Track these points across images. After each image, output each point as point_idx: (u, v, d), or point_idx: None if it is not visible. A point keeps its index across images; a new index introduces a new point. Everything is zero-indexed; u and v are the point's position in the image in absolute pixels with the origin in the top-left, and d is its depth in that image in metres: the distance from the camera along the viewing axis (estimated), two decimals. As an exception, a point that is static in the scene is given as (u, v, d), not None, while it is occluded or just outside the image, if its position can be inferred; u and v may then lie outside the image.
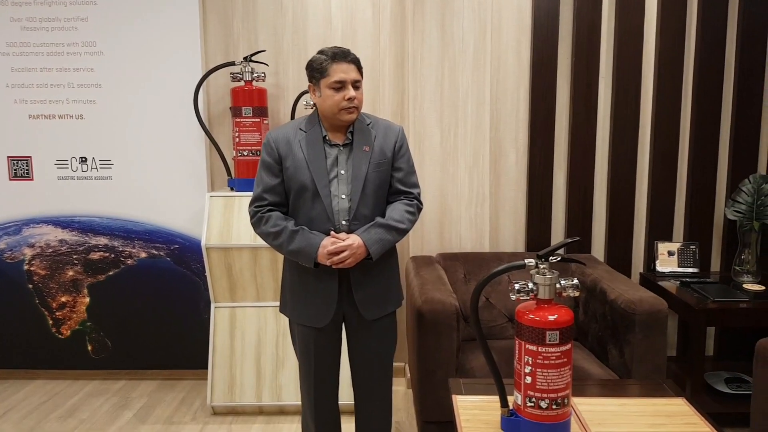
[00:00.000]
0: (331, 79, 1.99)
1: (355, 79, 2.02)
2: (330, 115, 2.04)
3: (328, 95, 2.01)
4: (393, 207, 2.12)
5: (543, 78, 3.20)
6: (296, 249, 2.01)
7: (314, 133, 2.07)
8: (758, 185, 3.03)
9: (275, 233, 2.04)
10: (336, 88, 2.00)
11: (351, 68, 2.02)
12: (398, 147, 2.14)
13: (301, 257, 2.02)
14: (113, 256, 3.38)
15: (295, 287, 2.15)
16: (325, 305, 2.09)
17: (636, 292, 2.51)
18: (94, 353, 3.47)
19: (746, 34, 3.12)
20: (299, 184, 2.04)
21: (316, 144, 2.06)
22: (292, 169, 2.05)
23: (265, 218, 2.06)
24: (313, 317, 2.11)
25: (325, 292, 2.08)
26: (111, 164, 3.31)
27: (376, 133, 2.11)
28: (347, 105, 2.01)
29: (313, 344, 2.15)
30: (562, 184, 3.29)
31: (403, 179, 2.15)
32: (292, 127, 2.11)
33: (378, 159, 2.08)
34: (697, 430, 1.60)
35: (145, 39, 3.22)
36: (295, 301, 2.15)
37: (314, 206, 2.04)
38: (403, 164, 2.15)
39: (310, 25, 3.22)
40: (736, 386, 2.92)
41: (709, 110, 3.18)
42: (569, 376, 1.51)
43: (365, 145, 2.08)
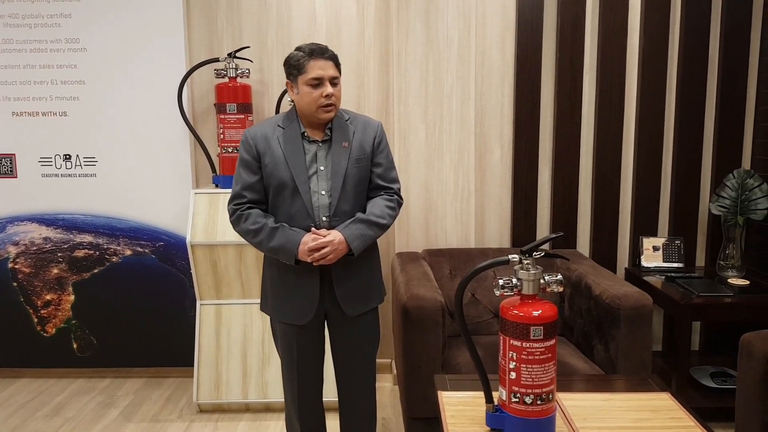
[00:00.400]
0: (309, 76, 1.98)
1: (332, 75, 2.01)
2: (308, 112, 2.03)
3: (305, 92, 2.00)
4: (373, 202, 2.11)
5: (527, 74, 3.20)
6: (276, 246, 2.00)
7: (292, 129, 2.06)
8: (742, 180, 3.05)
9: (255, 231, 2.03)
10: (313, 84, 1.99)
11: (328, 65, 2.01)
12: (377, 142, 2.13)
13: (282, 254, 2.01)
14: (98, 253, 3.35)
15: (276, 285, 2.13)
16: (307, 302, 2.08)
17: (621, 288, 2.52)
18: (79, 351, 3.44)
19: (729, 30, 3.14)
20: (278, 181, 2.03)
21: (295, 140, 2.05)
22: (271, 166, 2.03)
23: (245, 216, 2.05)
24: (294, 315, 2.10)
25: (307, 289, 2.07)
26: (95, 161, 3.28)
27: (355, 128, 2.11)
28: (325, 102, 2.00)
29: (296, 342, 2.13)
30: (547, 180, 3.29)
31: (383, 174, 2.15)
32: (270, 124, 2.09)
33: (357, 154, 2.08)
34: (681, 425, 1.61)
35: (128, 35, 3.19)
36: (276, 299, 2.14)
37: (294, 203, 2.03)
38: (383, 159, 2.15)
39: (295, 21, 3.21)
40: (721, 381, 2.95)
41: (693, 105, 3.20)
42: (554, 371, 1.51)
43: (344, 141, 2.07)
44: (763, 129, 3.16)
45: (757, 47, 3.16)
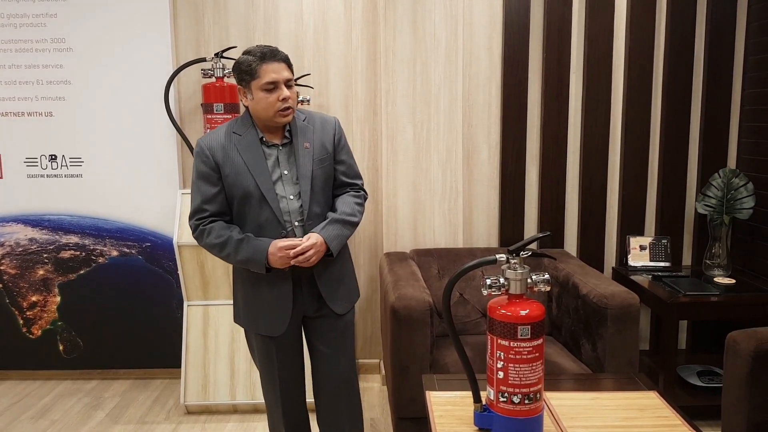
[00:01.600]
0: (263, 81, 1.91)
1: (286, 78, 1.94)
2: (265, 117, 1.96)
3: (260, 97, 1.93)
4: (343, 200, 2.08)
5: (515, 73, 3.21)
6: (245, 258, 1.94)
7: (250, 135, 1.99)
8: (728, 179, 3.07)
9: (220, 244, 1.96)
10: (268, 89, 1.91)
11: (282, 67, 1.94)
12: (338, 139, 2.10)
13: (251, 265, 1.95)
14: (84, 254, 3.33)
15: (248, 298, 2.07)
16: (281, 311, 2.03)
17: (608, 287, 2.53)
18: (65, 353, 3.41)
19: (714, 31, 3.16)
20: (242, 191, 1.96)
21: (254, 147, 1.98)
22: (233, 176, 1.96)
23: (207, 230, 1.97)
24: (269, 326, 2.05)
25: (280, 300, 2.02)
26: (81, 162, 3.26)
27: (314, 128, 2.06)
28: (282, 106, 1.93)
29: (275, 352, 2.09)
30: (535, 180, 3.30)
31: (347, 172, 2.12)
32: (224, 132, 2.01)
33: (320, 155, 2.03)
34: (668, 423, 1.62)
35: (114, 35, 3.17)
36: (249, 311, 2.08)
37: (262, 211, 1.97)
38: (345, 156, 2.12)
39: (282, 21, 3.20)
40: (708, 379, 2.97)
41: (679, 105, 3.22)
42: (541, 370, 1.51)
43: (305, 142, 2.02)
44: (749, 128, 3.18)
45: (741, 47, 3.19)
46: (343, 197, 2.10)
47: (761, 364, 1.91)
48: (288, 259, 1.92)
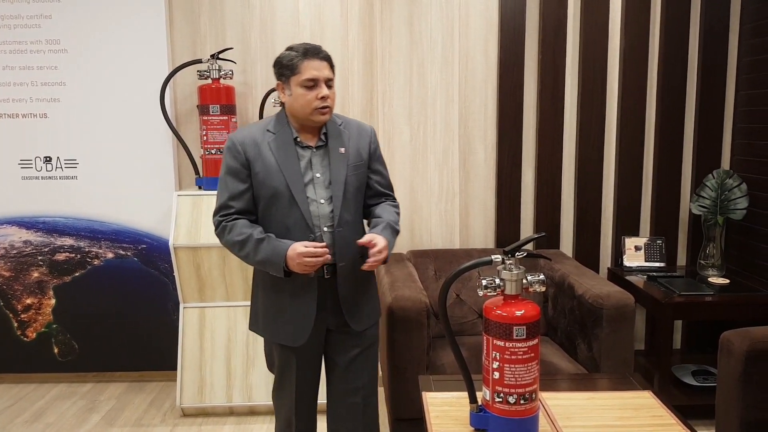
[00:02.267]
0: (303, 77, 1.86)
1: (327, 77, 1.90)
2: (302, 115, 1.90)
3: (299, 94, 1.88)
4: (384, 209, 2.03)
5: (510, 75, 3.22)
6: (263, 259, 1.86)
7: (284, 134, 1.93)
8: (722, 180, 3.09)
9: (240, 242, 1.88)
10: (308, 86, 1.86)
11: (323, 65, 1.89)
12: (373, 149, 2.04)
13: (269, 267, 1.87)
14: (79, 256, 3.32)
15: (269, 306, 1.99)
16: (303, 322, 1.94)
17: (603, 287, 2.54)
18: (60, 356, 3.40)
19: (708, 32, 3.18)
20: (272, 190, 1.89)
21: (287, 146, 1.91)
22: (263, 174, 1.89)
23: (229, 227, 1.90)
24: (289, 335, 1.96)
25: (302, 307, 1.93)
26: (76, 164, 3.25)
27: (350, 134, 2.00)
28: (320, 105, 1.87)
29: (295, 362, 2.00)
30: (531, 181, 3.31)
31: (382, 182, 2.07)
32: (258, 129, 1.95)
33: (355, 161, 1.97)
34: (663, 423, 1.63)
35: (110, 36, 3.16)
36: (268, 319, 2.00)
37: (290, 213, 1.89)
38: (381, 166, 2.07)
39: (278, 22, 3.20)
40: (702, 379, 2.98)
41: (674, 107, 3.24)
42: (537, 370, 1.52)
43: (340, 146, 1.95)
44: (742, 130, 3.20)
45: (735, 49, 3.21)
46: (383, 206, 2.04)
47: (755, 364, 1.93)
48: (310, 267, 1.83)
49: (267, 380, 2.97)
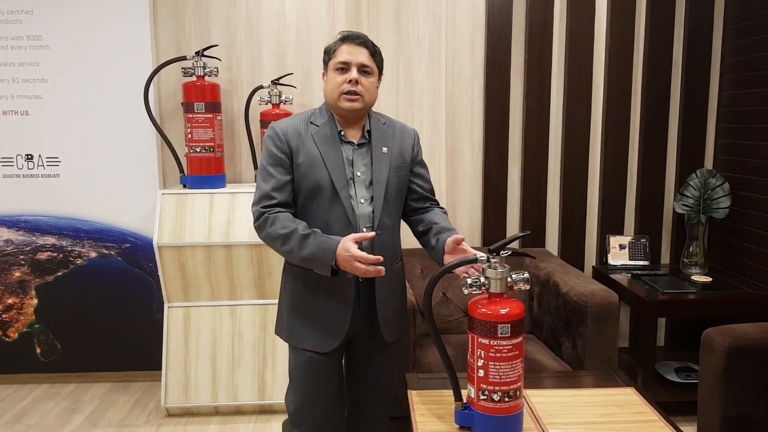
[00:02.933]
0: (336, 60, 1.80)
1: (362, 63, 1.80)
2: (331, 101, 1.83)
3: (331, 78, 1.82)
4: (437, 215, 1.95)
5: (497, 75, 3.23)
6: (309, 255, 1.73)
7: (328, 127, 1.84)
8: (705, 179, 3.12)
9: (284, 236, 1.75)
10: (339, 69, 1.80)
11: (360, 51, 1.80)
12: (416, 151, 1.97)
13: (316, 264, 1.74)
14: (62, 256, 3.28)
15: (299, 308, 1.87)
16: (337, 326, 1.84)
17: (588, 285, 2.56)
18: (43, 356, 3.36)
19: (692, 33, 3.21)
20: (313, 183, 1.79)
21: (331, 140, 1.82)
22: (306, 166, 1.80)
23: (271, 219, 1.78)
24: (320, 341, 1.85)
25: (338, 312, 1.83)
26: (58, 161, 3.21)
27: (393, 134, 1.91)
28: (348, 88, 1.78)
29: (324, 372, 1.87)
30: (517, 180, 3.33)
31: (426, 186, 2.00)
32: (301, 120, 1.86)
33: (397, 162, 1.88)
34: (645, 419, 1.64)
35: (92, 32, 3.13)
36: (296, 322, 1.88)
37: (332, 209, 1.79)
38: (424, 170, 2.00)
39: (264, 20, 3.18)
40: (685, 375, 3.01)
41: (658, 107, 3.26)
42: (521, 368, 1.52)
43: (383, 146, 1.86)
44: (725, 130, 3.24)
45: (718, 50, 3.24)
46: (437, 213, 1.96)
47: (735, 360, 1.95)
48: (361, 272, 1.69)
49: (253, 380, 2.96)
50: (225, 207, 2.94)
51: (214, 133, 2.99)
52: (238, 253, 2.89)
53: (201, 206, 2.94)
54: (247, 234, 2.88)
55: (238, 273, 2.93)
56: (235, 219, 2.92)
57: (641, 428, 1.59)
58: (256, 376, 2.96)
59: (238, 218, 2.92)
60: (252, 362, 2.96)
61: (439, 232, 1.87)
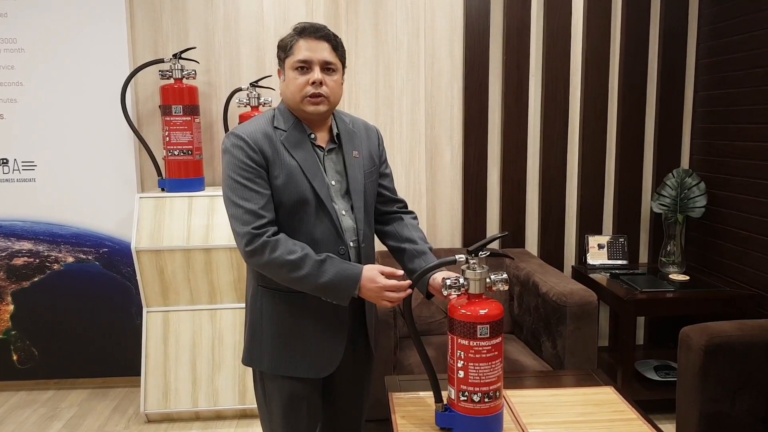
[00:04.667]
0: (295, 58, 1.61)
1: (324, 60, 1.62)
2: (293, 104, 1.65)
3: (290, 78, 1.62)
4: (411, 226, 1.83)
5: (476, 76, 3.24)
6: (327, 283, 1.56)
7: (297, 131, 1.65)
8: (681, 179, 3.16)
9: (293, 263, 1.55)
10: (299, 68, 1.61)
11: (322, 47, 1.62)
12: (382, 151, 1.83)
13: (333, 292, 1.58)
14: (38, 261, 3.23)
15: (285, 335, 1.68)
16: (333, 350, 1.69)
17: (567, 285, 2.57)
18: (20, 363, 3.31)
19: (668, 35, 3.25)
20: (296, 196, 1.60)
21: (304, 145, 1.64)
22: (284, 177, 1.60)
23: (272, 244, 1.55)
24: (315, 368, 1.68)
25: (333, 334, 1.69)
26: (34, 165, 3.17)
27: (359, 134, 1.76)
28: (311, 91, 1.60)
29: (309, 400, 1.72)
30: (496, 181, 3.34)
31: (391, 186, 1.86)
32: (265, 123, 1.64)
33: (369, 167, 1.74)
34: (624, 417, 1.65)
35: (68, 35, 3.09)
36: (285, 352, 1.68)
37: (318, 224, 1.62)
38: (389, 170, 1.87)
39: (242, 21, 3.17)
40: (664, 373, 3.04)
41: (634, 107, 3.30)
42: (500, 368, 1.53)
43: (353, 149, 1.71)
44: (701, 130, 3.28)
45: (693, 51, 3.28)
46: (407, 224, 1.83)
47: (712, 358, 1.97)
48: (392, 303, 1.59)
49: (233, 384, 2.94)
50: (204, 210, 2.92)
51: (192, 136, 2.96)
52: (217, 257, 2.87)
53: (179, 210, 2.91)
54: (226, 238, 2.86)
55: (217, 276, 2.91)
56: (215, 222, 2.90)
57: (620, 426, 1.60)
58: (237, 381, 2.94)
59: (217, 222, 2.90)
60: (233, 366, 2.94)
61: (415, 256, 1.76)
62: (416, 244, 1.79)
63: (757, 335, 2.00)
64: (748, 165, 2.93)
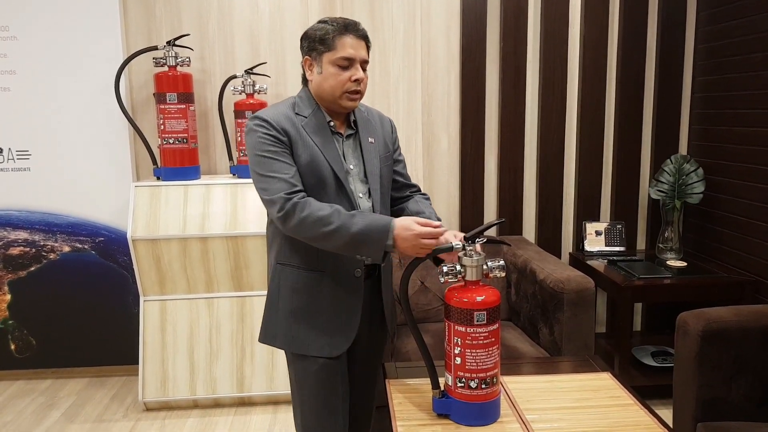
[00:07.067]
0: (339, 55, 1.64)
1: (364, 58, 1.68)
2: (329, 98, 1.69)
3: (331, 73, 1.66)
4: (418, 203, 1.86)
5: (473, 62, 3.22)
6: (361, 232, 1.55)
7: (316, 117, 1.70)
8: (679, 165, 3.15)
9: (326, 217, 1.56)
10: (343, 66, 1.65)
11: (361, 45, 1.67)
12: (395, 139, 1.88)
13: (365, 244, 1.57)
14: (34, 250, 3.22)
15: (300, 312, 1.71)
16: (347, 327, 1.72)
17: (564, 272, 2.57)
18: (17, 352, 3.31)
19: (666, 20, 3.23)
20: (317, 178, 1.65)
21: (323, 130, 1.70)
22: (306, 159, 1.65)
23: (301, 203, 1.58)
24: (329, 346, 1.71)
25: (347, 310, 1.72)
26: (29, 155, 3.15)
27: (374, 122, 1.83)
28: (353, 87, 1.66)
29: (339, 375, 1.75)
30: (494, 168, 3.33)
31: (404, 172, 1.91)
32: (287, 109, 1.70)
33: (384, 152, 1.80)
34: (621, 403, 1.65)
35: (62, 23, 3.06)
36: (301, 329, 1.71)
37: (339, 204, 1.64)
38: (402, 156, 1.92)
39: (236, 8, 3.14)
40: (662, 359, 3.05)
41: (632, 93, 3.28)
42: (497, 355, 1.53)
43: (370, 136, 1.77)
44: (699, 115, 3.27)
45: (692, 36, 3.26)
46: (417, 200, 1.88)
47: (709, 343, 1.97)
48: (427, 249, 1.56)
49: (231, 372, 2.94)
50: (200, 199, 2.91)
51: (187, 123, 2.94)
52: (214, 246, 2.86)
53: (175, 198, 2.90)
54: (222, 226, 2.85)
55: (214, 265, 2.90)
56: (211, 211, 2.88)
57: (617, 412, 1.60)
58: (235, 369, 2.94)
59: (213, 210, 2.89)
60: (230, 355, 2.94)
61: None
62: (423, 214, 1.80)
63: (754, 321, 2.00)
64: (746, 151, 2.92)
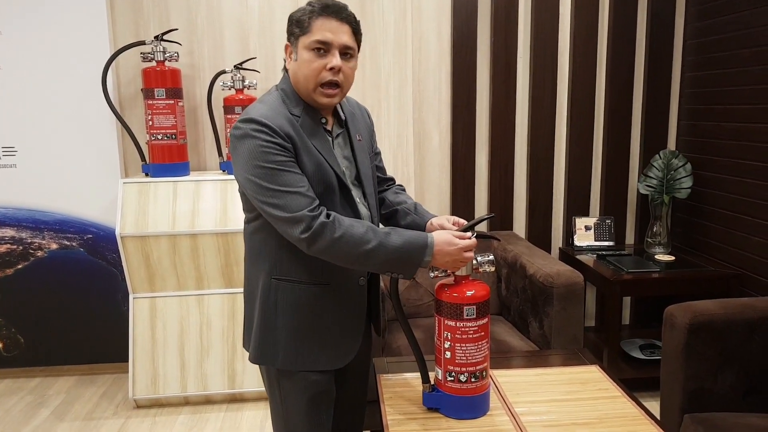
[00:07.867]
0: (312, 38, 1.43)
1: (345, 44, 1.46)
2: (303, 89, 1.49)
3: (304, 60, 1.45)
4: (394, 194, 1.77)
5: (463, 58, 3.22)
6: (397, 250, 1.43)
7: (309, 116, 1.51)
8: (668, 160, 3.17)
9: (363, 237, 1.41)
10: (316, 49, 1.44)
11: (343, 29, 1.45)
12: (373, 130, 1.74)
13: (403, 262, 1.45)
14: (21, 248, 3.20)
15: (303, 330, 1.55)
16: (351, 339, 1.61)
17: (554, 266, 2.58)
18: (5, 351, 3.29)
19: (656, 15, 3.24)
20: (324, 185, 1.48)
21: (317, 131, 1.51)
22: (312, 167, 1.47)
23: (330, 223, 1.41)
24: (333, 359, 1.59)
25: (352, 322, 1.60)
26: (15, 151, 3.12)
27: (356, 115, 1.66)
28: (328, 77, 1.45)
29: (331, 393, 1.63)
30: (484, 164, 3.34)
31: (381, 165, 1.79)
32: (283, 107, 1.49)
33: (369, 149, 1.65)
34: (609, 395, 1.67)
35: (47, 18, 3.03)
36: (303, 345, 1.56)
37: (346, 214, 1.51)
38: (378, 148, 1.77)
39: (225, 2, 3.12)
40: (650, 352, 3.07)
41: (622, 89, 3.30)
42: (487, 349, 1.53)
43: (357, 133, 1.62)
44: (688, 111, 3.29)
45: (681, 32, 3.28)
46: (393, 190, 1.79)
47: (696, 336, 1.99)
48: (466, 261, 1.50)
49: (222, 369, 2.93)
50: (189, 195, 2.90)
51: (175, 119, 2.93)
52: (203, 242, 2.85)
53: (164, 195, 2.89)
54: (212, 222, 2.84)
55: (204, 262, 2.89)
56: (200, 208, 2.87)
57: (605, 404, 1.61)
58: (226, 365, 2.94)
59: (203, 207, 2.87)
60: (221, 351, 2.93)
61: (407, 213, 1.72)
62: (405, 203, 1.73)
63: (739, 313, 2.02)
64: (734, 146, 2.94)
